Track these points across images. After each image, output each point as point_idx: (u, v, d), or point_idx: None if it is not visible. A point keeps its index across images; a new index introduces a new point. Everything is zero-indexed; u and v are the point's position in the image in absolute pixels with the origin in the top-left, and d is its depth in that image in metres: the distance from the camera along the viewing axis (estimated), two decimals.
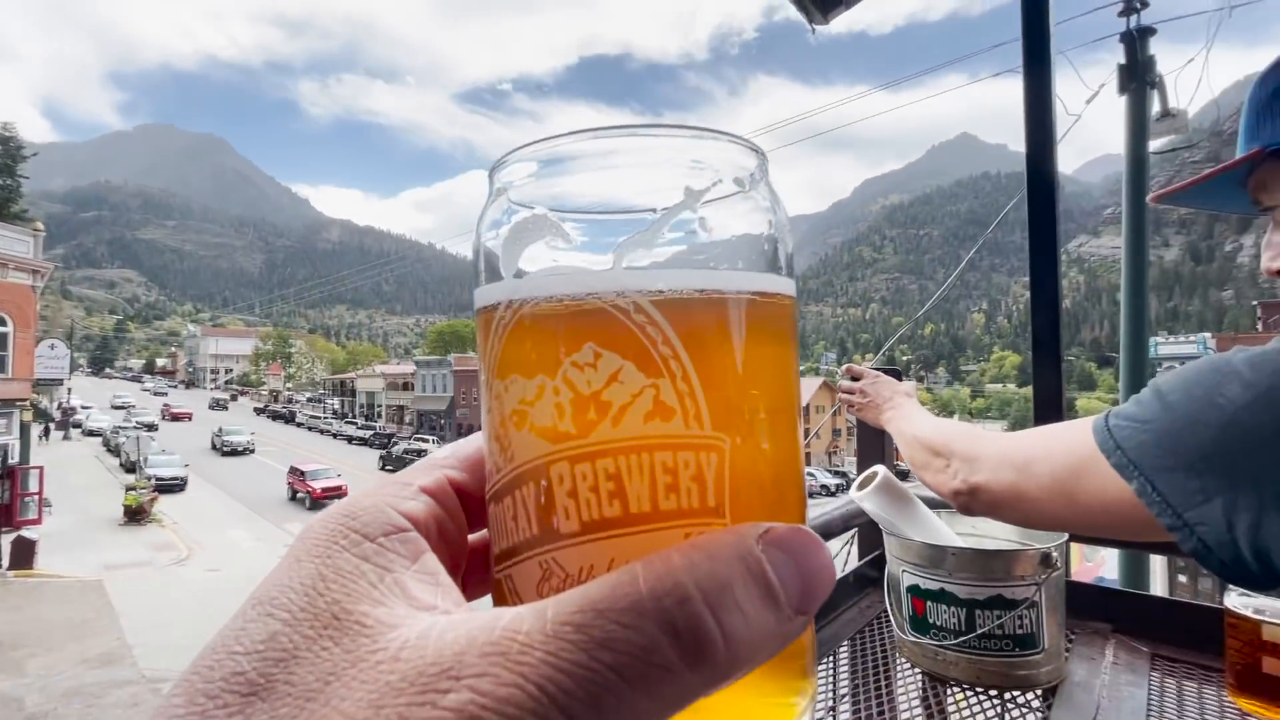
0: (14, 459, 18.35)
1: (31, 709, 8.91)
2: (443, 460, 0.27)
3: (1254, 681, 0.88)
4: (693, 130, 0.23)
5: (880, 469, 1.15)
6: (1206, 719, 0.89)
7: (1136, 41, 5.40)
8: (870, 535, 1.52)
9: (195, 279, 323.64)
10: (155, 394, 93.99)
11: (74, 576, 15.37)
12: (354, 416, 71.03)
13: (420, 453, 44.95)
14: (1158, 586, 7.17)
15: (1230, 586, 0.91)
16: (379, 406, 68.74)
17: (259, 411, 75.64)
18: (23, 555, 15.48)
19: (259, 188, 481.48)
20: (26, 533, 16.09)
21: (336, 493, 27.42)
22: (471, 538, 0.27)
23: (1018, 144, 1.52)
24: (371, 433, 54.22)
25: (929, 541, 1.05)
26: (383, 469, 41.27)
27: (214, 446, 42.60)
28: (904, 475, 1.26)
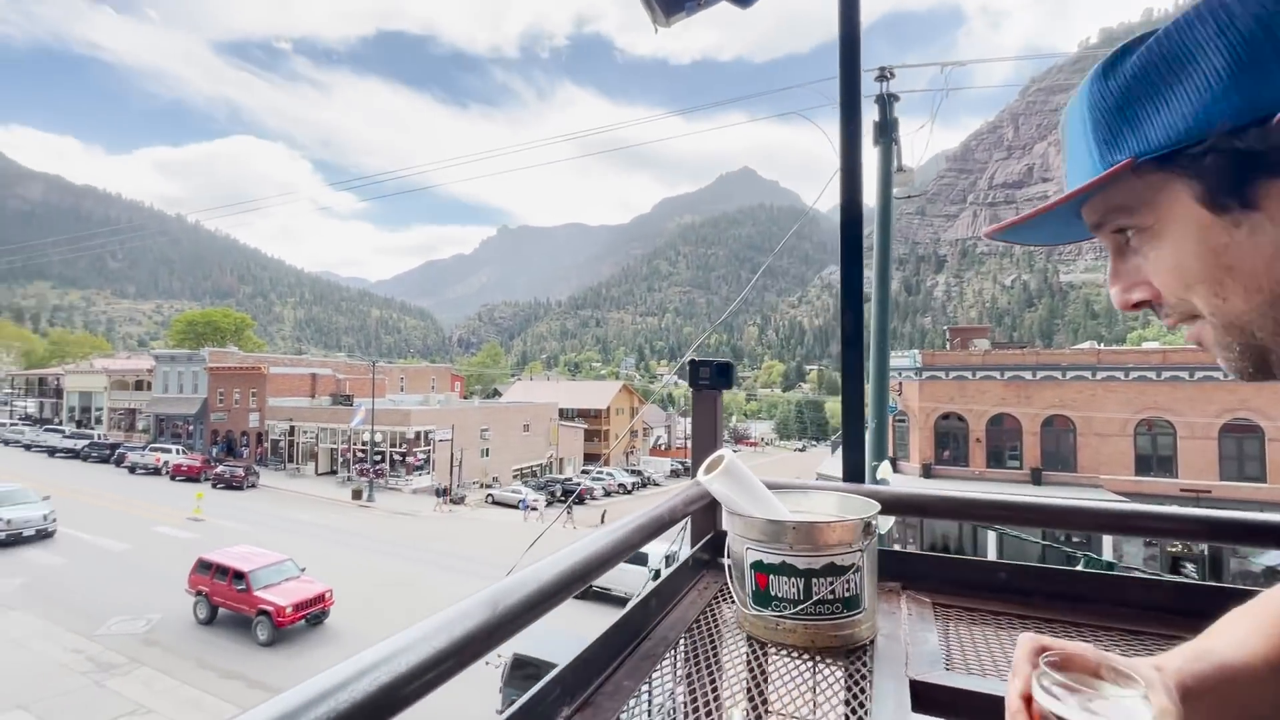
0: None
1: None
2: None
3: None
4: None
5: (725, 452, 1.20)
6: (983, 650, 1.08)
7: (887, 104, 6.55)
8: (701, 521, 1.59)
9: None
10: None
11: None
12: (60, 422, 56.59)
13: (156, 468, 37.22)
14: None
15: None
16: (97, 410, 55.56)
17: None
18: None
19: None
20: None
21: (318, 607, 14.98)
22: None
23: (788, 181, 1.80)
24: (87, 443, 43.64)
25: (770, 518, 1.12)
26: None
27: None
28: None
